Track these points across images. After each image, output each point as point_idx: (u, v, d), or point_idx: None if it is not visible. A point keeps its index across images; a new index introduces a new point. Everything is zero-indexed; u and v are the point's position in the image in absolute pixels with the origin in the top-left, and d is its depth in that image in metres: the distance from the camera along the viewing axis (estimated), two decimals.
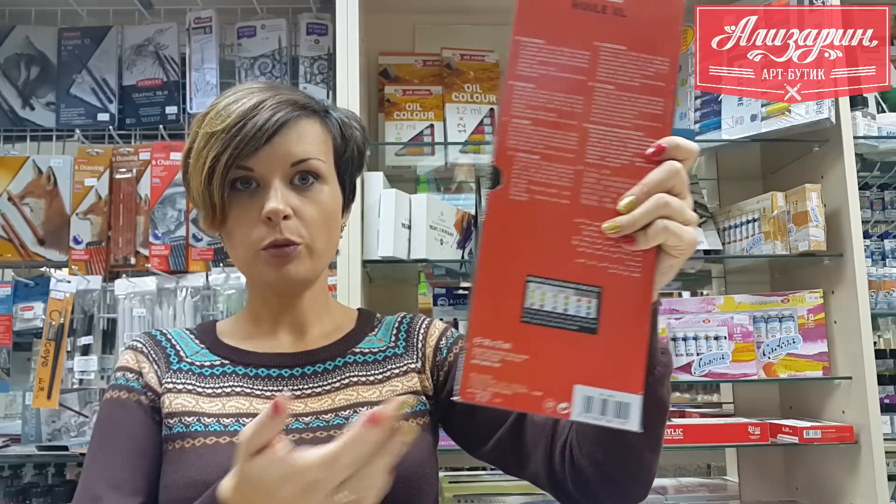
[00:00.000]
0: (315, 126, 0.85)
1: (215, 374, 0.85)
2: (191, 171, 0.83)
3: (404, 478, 0.75)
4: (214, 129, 0.80)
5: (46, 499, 1.61)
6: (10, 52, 1.80)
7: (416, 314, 0.97)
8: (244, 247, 0.82)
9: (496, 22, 1.94)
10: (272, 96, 0.82)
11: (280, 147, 0.80)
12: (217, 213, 0.81)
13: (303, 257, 0.82)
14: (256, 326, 0.89)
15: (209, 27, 1.77)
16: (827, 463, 1.63)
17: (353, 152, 0.90)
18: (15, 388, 1.81)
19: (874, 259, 1.79)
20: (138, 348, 0.87)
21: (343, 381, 0.85)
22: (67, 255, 1.69)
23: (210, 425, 0.79)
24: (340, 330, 0.91)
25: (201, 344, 0.89)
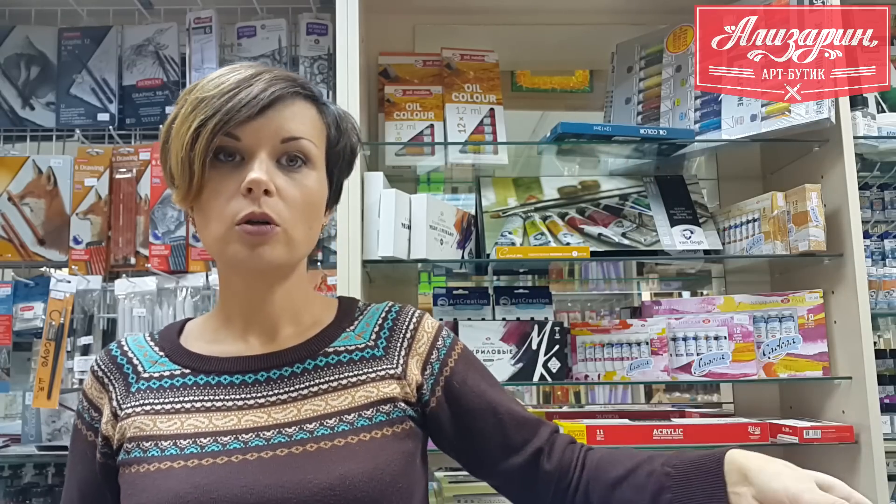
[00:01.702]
0: (311, 110, 0.82)
1: (175, 387, 0.81)
2: (172, 137, 0.78)
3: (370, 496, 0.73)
4: (206, 94, 0.76)
5: (46, 499, 1.61)
6: (10, 52, 1.80)
7: (405, 306, 0.90)
8: (218, 220, 0.76)
9: (496, 22, 1.95)
10: (268, 70, 0.79)
11: (273, 120, 0.77)
12: (194, 182, 0.76)
13: (279, 241, 0.77)
14: (226, 327, 0.85)
15: (209, 27, 1.77)
16: (827, 463, 1.63)
17: (345, 147, 0.86)
18: (15, 388, 1.81)
19: (874, 259, 1.79)
20: (96, 372, 0.85)
21: (311, 387, 0.80)
22: (67, 255, 1.69)
23: (167, 449, 0.76)
24: (317, 325, 0.86)
25: (161, 352, 0.85)
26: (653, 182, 1.77)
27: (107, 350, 0.87)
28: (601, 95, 2.00)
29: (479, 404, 0.85)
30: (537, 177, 1.78)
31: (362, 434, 0.77)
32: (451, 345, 0.88)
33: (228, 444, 0.76)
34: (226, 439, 0.76)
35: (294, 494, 0.72)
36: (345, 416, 0.78)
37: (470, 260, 1.67)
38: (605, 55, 1.95)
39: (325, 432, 0.77)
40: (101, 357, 0.86)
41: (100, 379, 0.84)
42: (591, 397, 3.60)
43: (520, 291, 1.71)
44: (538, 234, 1.66)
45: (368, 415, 0.79)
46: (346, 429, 0.77)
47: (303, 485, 0.73)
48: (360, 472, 0.74)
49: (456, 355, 0.87)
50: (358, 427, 0.78)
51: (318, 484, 0.73)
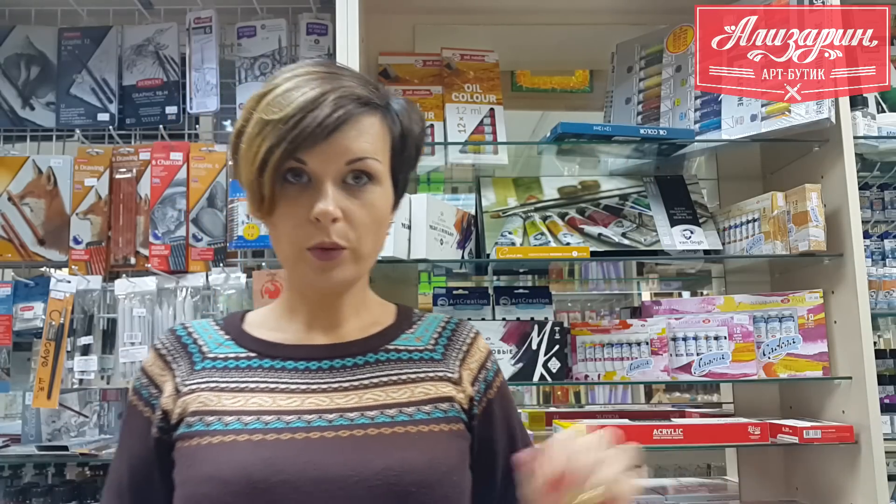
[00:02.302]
0: (375, 122, 0.81)
1: (240, 368, 0.83)
2: (241, 155, 0.81)
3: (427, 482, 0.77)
4: (271, 117, 0.76)
5: (46, 499, 1.61)
6: (10, 52, 1.80)
7: (463, 321, 0.94)
8: (289, 244, 0.80)
9: (496, 22, 1.95)
10: (335, 88, 0.78)
11: (337, 144, 0.77)
12: (265, 203, 0.79)
13: (348, 262, 0.80)
14: (290, 318, 0.87)
15: (209, 27, 1.77)
16: (827, 463, 1.63)
17: (410, 150, 0.88)
18: (15, 388, 1.81)
19: (874, 259, 1.79)
20: (159, 350, 0.87)
21: (373, 378, 0.83)
22: (67, 255, 1.69)
23: (230, 423, 0.78)
24: (377, 325, 0.89)
25: (226, 335, 0.87)
26: (653, 182, 1.77)
27: (171, 330, 0.89)
28: (601, 95, 2.00)
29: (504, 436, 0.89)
30: (537, 177, 1.78)
31: (421, 426, 0.80)
32: (496, 371, 0.92)
33: (292, 422, 0.78)
34: (289, 418, 0.78)
35: (355, 472, 0.75)
36: (404, 407, 0.81)
37: (470, 260, 1.67)
38: (605, 55, 1.95)
39: (386, 420, 0.79)
40: (164, 336, 0.88)
41: (163, 357, 0.86)
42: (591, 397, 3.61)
43: (520, 291, 1.71)
44: (538, 234, 1.67)
45: (427, 410, 0.82)
46: (406, 419, 0.80)
47: (363, 464, 0.75)
48: (419, 459, 0.77)
49: (499, 382, 0.91)
50: (416, 419, 0.81)
51: (379, 464, 0.75)
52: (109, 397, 1.77)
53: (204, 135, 1.91)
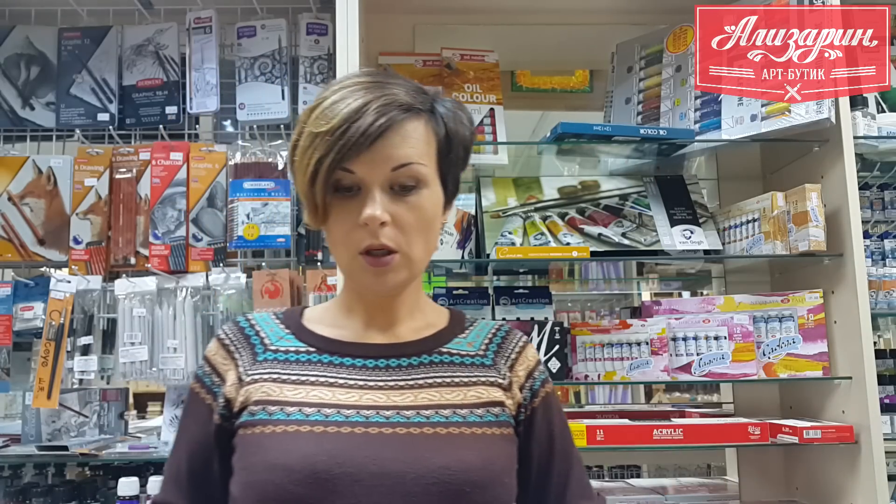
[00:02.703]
0: (419, 127, 0.84)
1: (300, 361, 0.86)
2: (296, 168, 0.85)
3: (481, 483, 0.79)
4: (319, 129, 0.80)
5: (46, 499, 1.60)
6: (10, 52, 1.80)
7: (513, 329, 0.96)
8: (343, 248, 0.83)
9: (496, 22, 1.94)
10: (378, 97, 0.81)
11: (382, 151, 0.80)
12: (319, 212, 0.83)
13: (399, 265, 0.83)
14: (347, 317, 0.90)
15: (209, 27, 1.77)
16: (827, 463, 1.63)
17: (458, 151, 0.89)
18: (15, 388, 1.81)
19: (874, 259, 1.79)
20: (223, 341, 0.90)
21: (428, 379, 0.86)
22: (67, 255, 1.69)
23: (292, 414, 0.80)
24: (431, 327, 0.92)
25: (286, 329, 0.90)
26: (653, 182, 1.77)
27: (234, 322, 0.92)
28: (601, 95, 2.00)
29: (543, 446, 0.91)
30: (537, 177, 1.78)
31: (474, 428, 0.83)
32: (544, 380, 0.94)
33: (351, 416, 0.80)
34: (348, 412, 0.81)
35: (412, 469, 0.77)
36: (458, 409, 0.83)
37: (470, 260, 1.67)
38: (605, 55, 1.95)
39: (440, 420, 0.82)
40: (228, 328, 0.91)
41: (226, 346, 0.89)
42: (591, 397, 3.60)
43: (520, 291, 1.71)
44: (538, 234, 1.66)
45: (479, 413, 0.84)
46: (459, 420, 0.82)
47: (421, 461, 0.78)
48: (474, 459, 0.79)
49: (544, 393, 0.93)
50: (470, 421, 0.83)
51: (436, 462, 0.78)
52: (109, 397, 1.77)
53: (204, 135, 1.91)
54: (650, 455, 2.56)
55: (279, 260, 1.71)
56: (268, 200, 1.65)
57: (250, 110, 1.74)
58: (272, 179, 1.67)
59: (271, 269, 1.64)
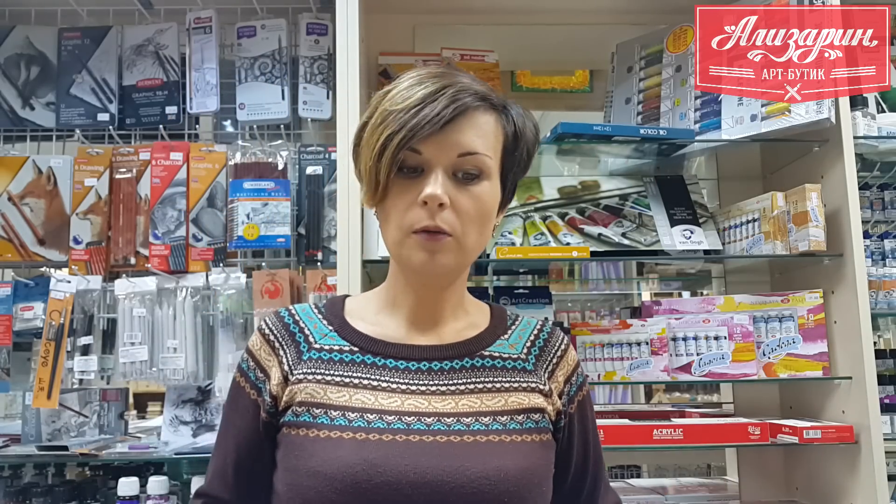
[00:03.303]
0: (490, 120, 0.86)
1: (344, 361, 0.86)
2: (363, 144, 0.85)
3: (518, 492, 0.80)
4: (395, 107, 0.82)
5: (46, 499, 1.60)
6: (10, 52, 1.80)
7: (556, 329, 0.97)
8: (397, 227, 0.83)
9: (496, 22, 1.94)
10: (452, 84, 0.83)
11: (451, 135, 0.82)
12: (379, 189, 0.83)
13: (451, 249, 0.83)
14: (390, 312, 0.90)
15: (209, 27, 1.77)
16: (827, 463, 1.63)
17: (522, 153, 0.90)
18: (15, 388, 1.81)
19: (874, 259, 1.79)
20: (266, 335, 0.90)
21: (468, 385, 0.86)
22: (67, 255, 1.69)
23: (336, 419, 0.81)
24: (473, 327, 0.92)
25: (329, 325, 0.90)
26: (653, 182, 1.77)
27: (276, 314, 0.92)
28: (601, 95, 2.00)
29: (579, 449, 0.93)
30: (537, 177, 1.78)
31: (514, 436, 0.83)
32: (582, 382, 0.95)
33: (393, 423, 0.81)
34: (390, 418, 0.82)
35: (452, 479, 0.78)
36: (498, 416, 0.84)
37: None
38: (605, 55, 1.95)
39: (480, 428, 0.82)
40: (270, 320, 0.91)
41: (270, 342, 0.89)
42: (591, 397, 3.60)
43: (520, 291, 1.71)
44: (538, 234, 1.66)
45: (519, 420, 0.85)
46: (499, 428, 0.83)
47: (461, 471, 0.78)
48: (513, 468, 0.80)
49: (581, 397, 0.94)
50: (510, 429, 0.84)
51: (476, 472, 0.78)
52: (109, 397, 1.77)
53: (204, 135, 1.91)
54: (650, 455, 2.56)
55: (279, 260, 1.71)
56: (268, 200, 1.65)
57: (250, 110, 1.74)
58: (272, 179, 1.67)
59: (271, 269, 1.64)
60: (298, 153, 1.74)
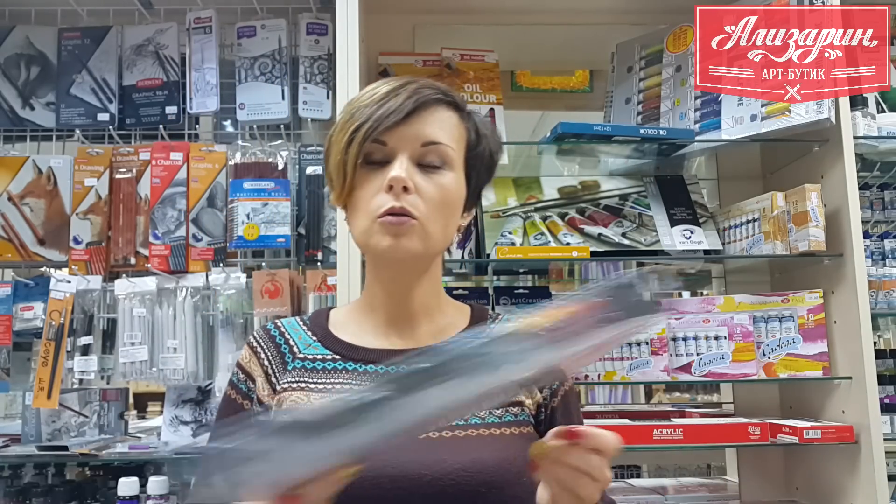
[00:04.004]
0: (452, 115, 0.90)
1: (326, 370, 0.89)
2: (333, 142, 0.89)
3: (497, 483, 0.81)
4: (361, 103, 0.86)
5: (46, 499, 1.61)
6: (10, 52, 1.80)
7: None
8: (364, 216, 0.85)
9: (496, 22, 1.94)
10: (417, 81, 0.88)
11: (414, 126, 0.85)
12: (346, 182, 0.86)
13: (416, 232, 0.84)
14: (369, 318, 0.93)
15: (209, 27, 1.77)
16: (827, 463, 1.63)
17: (485, 151, 0.93)
18: (15, 388, 1.81)
19: (874, 259, 1.79)
20: (254, 348, 0.93)
21: None
22: (67, 255, 1.69)
23: None
24: (452, 327, 0.93)
25: (313, 336, 0.93)
26: (653, 182, 1.77)
27: (263, 327, 0.96)
28: (601, 95, 2.00)
29: None
30: (537, 177, 1.78)
31: (493, 429, 0.85)
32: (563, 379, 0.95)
33: None
34: None
35: (430, 472, 0.80)
36: None
37: (470, 260, 1.67)
38: (605, 55, 1.95)
39: (460, 423, 0.84)
40: (258, 333, 0.95)
41: (257, 353, 0.93)
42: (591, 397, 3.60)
43: (520, 291, 1.71)
44: (538, 234, 1.66)
45: (498, 413, 0.87)
46: (478, 422, 0.85)
47: (439, 464, 0.80)
48: (490, 459, 0.82)
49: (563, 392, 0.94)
50: (489, 423, 0.86)
51: (452, 465, 0.80)
52: (109, 397, 1.77)
53: (204, 135, 1.91)
54: (650, 455, 2.56)
55: (279, 260, 1.71)
56: (268, 200, 1.65)
57: (250, 110, 1.74)
58: (272, 179, 1.67)
59: (271, 269, 1.64)
60: (298, 153, 1.74)
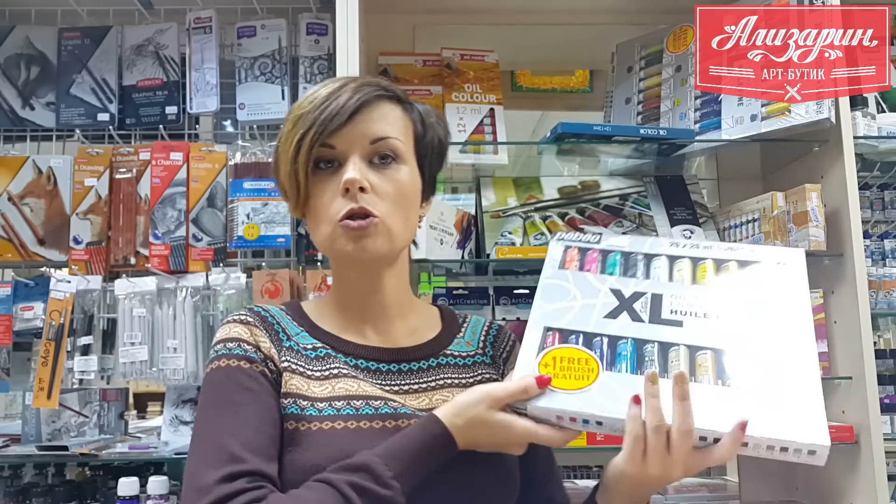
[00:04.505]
0: (396, 109, 0.89)
1: (319, 357, 0.86)
2: (279, 153, 0.88)
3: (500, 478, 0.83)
4: (302, 110, 0.85)
5: (46, 499, 1.60)
6: (10, 52, 1.80)
7: (502, 328, 0.99)
8: (325, 221, 0.85)
9: (496, 22, 1.95)
10: (355, 79, 0.87)
11: (361, 124, 0.84)
12: (301, 191, 0.85)
13: (380, 232, 0.84)
14: (343, 316, 0.91)
15: (209, 27, 1.77)
16: (827, 463, 1.62)
17: (433, 139, 0.92)
18: (15, 388, 1.81)
19: (874, 259, 1.79)
20: (249, 322, 0.87)
21: (438, 381, 0.88)
22: (67, 255, 1.69)
23: (323, 409, 0.81)
24: (427, 328, 0.94)
25: (300, 326, 0.90)
26: (653, 182, 1.77)
27: (249, 309, 0.90)
28: (601, 95, 2.00)
29: None
30: (537, 177, 1.78)
31: None
32: None
33: (380, 408, 0.82)
34: (377, 403, 0.82)
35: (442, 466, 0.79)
36: None
37: (470, 260, 1.67)
38: (605, 55, 1.95)
39: None
40: (244, 313, 0.88)
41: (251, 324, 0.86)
42: None
43: (520, 291, 1.71)
44: (538, 234, 1.66)
45: None
46: None
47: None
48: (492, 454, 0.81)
49: None
50: None
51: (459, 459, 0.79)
52: (109, 397, 1.77)
53: (204, 135, 1.91)
54: None
55: (279, 260, 1.71)
56: (268, 200, 1.65)
57: (250, 110, 1.75)
58: (272, 179, 1.66)
59: (271, 269, 1.64)
60: None
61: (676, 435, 0.72)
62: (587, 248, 0.91)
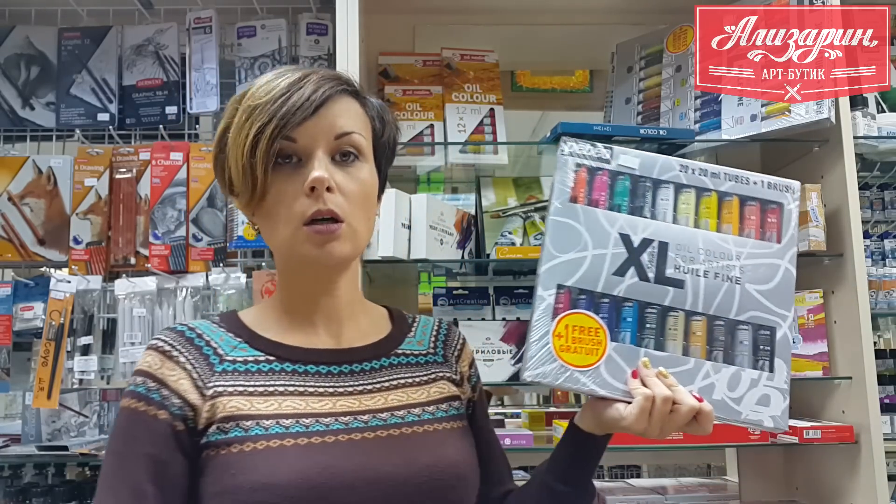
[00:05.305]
0: (356, 104, 0.85)
1: (262, 371, 0.81)
2: (229, 147, 0.81)
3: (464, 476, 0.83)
4: (259, 101, 0.79)
5: (46, 499, 1.61)
6: (10, 52, 1.80)
7: (451, 326, 0.99)
8: (286, 222, 0.79)
9: (496, 22, 1.95)
10: (315, 72, 0.82)
11: (325, 118, 0.80)
12: (258, 188, 0.79)
13: (345, 237, 0.80)
14: (291, 319, 0.86)
15: (209, 27, 1.77)
16: (827, 463, 1.63)
17: (389, 137, 0.90)
18: (15, 388, 1.81)
19: (874, 259, 1.79)
20: (165, 351, 0.79)
21: (392, 381, 0.86)
22: (67, 255, 1.69)
23: (271, 428, 0.76)
24: (377, 328, 0.91)
25: (237, 338, 0.84)
26: None
27: (172, 329, 0.83)
28: (601, 95, 2.00)
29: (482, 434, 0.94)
30: (537, 177, 1.78)
31: (444, 423, 0.86)
32: (477, 371, 0.98)
33: (331, 424, 0.79)
34: (327, 420, 0.79)
35: (403, 470, 0.78)
36: (426, 407, 0.86)
37: (470, 260, 1.67)
38: (605, 55, 1.95)
39: (413, 419, 0.83)
40: (166, 335, 0.81)
41: (172, 357, 0.79)
42: None
43: (520, 291, 1.71)
44: (538, 234, 1.66)
45: (444, 408, 0.87)
46: (429, 418, 0.85)
47: (410, 462, 0.79)
48: (454, 454, 0.83)
49: (480, 386, 0.98)
50: (438, 417, 0.86)
51: (424, 462, 0.80)
52: (109, 397, 1.77)
53: (204, 135, 1.91)
54: (650, 455, 2.56)
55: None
56: None
57: None
58: None
59: (271, 270, 1.64)
60: None
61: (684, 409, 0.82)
62: (597, 168, 0.91)
